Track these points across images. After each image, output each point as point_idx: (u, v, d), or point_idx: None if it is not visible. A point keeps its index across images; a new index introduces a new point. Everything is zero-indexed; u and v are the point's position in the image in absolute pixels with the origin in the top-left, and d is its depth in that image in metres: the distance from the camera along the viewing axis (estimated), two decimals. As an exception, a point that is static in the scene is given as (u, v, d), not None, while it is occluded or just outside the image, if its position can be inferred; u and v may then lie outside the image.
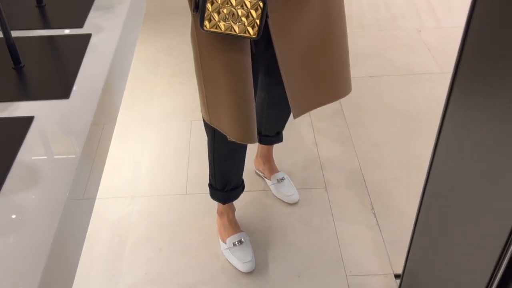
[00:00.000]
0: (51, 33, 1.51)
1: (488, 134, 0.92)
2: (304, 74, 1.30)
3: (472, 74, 0.98)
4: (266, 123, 1.40)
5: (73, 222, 1.11)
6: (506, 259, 0.89)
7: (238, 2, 1.11)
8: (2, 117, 1.23)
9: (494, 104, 0.90)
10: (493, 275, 0.95)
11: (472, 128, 0.99)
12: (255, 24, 1.12)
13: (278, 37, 1.21)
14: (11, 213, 1.00)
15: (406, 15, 3.00)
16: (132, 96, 2.42)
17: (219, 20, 1.13)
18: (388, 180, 1.98)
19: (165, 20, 3.03)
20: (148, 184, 1.99)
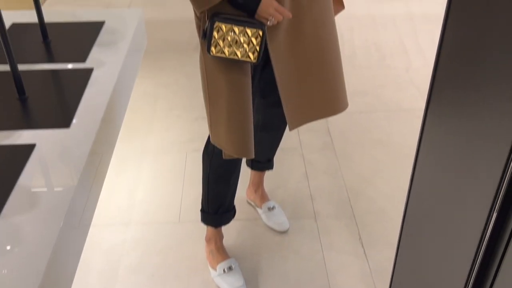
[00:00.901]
0: (55, 66, 1.61)
1: (459, 162, 1.00)
2: (300, 90, 1.41)
3: (443, 106, 1.06)
4: (259, 147, 1.48)
5: (67, 249, 1.15)
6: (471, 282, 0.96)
7: (241, 30, 1.25)
8: (5, 144, 1.31)
9: (463, 134, 0.98)
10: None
11: (444, 157, 1.07)
12: (255, 50, 1.27)
13: (276, 60, 1.35)
14: (7, 237, 1.04)
15: (395, 55, 3.14)
16: (129, 128, 2.51)
17: (223, 46, 1.27)
18: (376, 211, 2.05)
19: (164, 56, 3.16)
20: (142, 212, 2.05)
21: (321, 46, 1.39)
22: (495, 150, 0.85)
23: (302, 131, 2.49)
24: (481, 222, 0.91)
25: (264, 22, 1.27)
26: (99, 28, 1.84)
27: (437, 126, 1.09)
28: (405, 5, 3.78)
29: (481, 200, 0.91)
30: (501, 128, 0.83)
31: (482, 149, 0.90)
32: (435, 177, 1.12)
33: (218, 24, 1.26)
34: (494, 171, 0.85)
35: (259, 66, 1.41)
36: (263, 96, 1.56)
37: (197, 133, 2.44)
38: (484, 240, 0.91)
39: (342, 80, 1.48)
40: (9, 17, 1.83)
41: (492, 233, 0.89)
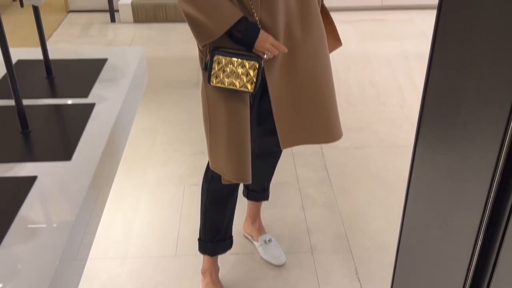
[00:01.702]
0: (58, 102, 1.66)
1: (446, 194, 1.03)
2: (294, 116, 1.48)
3: (430, 142, 1.10)
4: (254, 175, 1.52)
5: (64, 281, 1.16)
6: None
7: (239, 63, 1.34)
8: (8, 176, 1.34)
9: (449, 168, 1.01)
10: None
11: (432, 190, 1.10)
12: (253, 81, 1.36)
13: (273, 90, 1.44)
14: (6, 269, 1.05)
15: (390, 93, 3.21)
16: (128, 162, 2.54)
17: (223, 77, 1.36)
18: (372, 246, 2.05)
19: (164, 92, 3.23)
20: (139, 245, 2.05)
21: (314, 78, 1.47)
22: (478, 183, 0.89)
23: (299, 165, 2.53)
24: (468, 253, 0.94)
25: (261, 55, 1.36)
26: (102, 65, 1.91)
27: (426, 161, 1.13)
28: (400, 45, 3.89)
29: (467, 231, 0.94)
30: (482, 162, 0.87)
31: (466, 182, 0.93)
32: (426, 210, 1.15)
33: (218, 57, 1.35)
34: (478, 201, 0.89)
35: (256, 96, 1.49)
36: (259, 124, 1.62)
37: (195, 167, 2.47)
38: (470, 270, 0.94)
39: (335, 111, 1.54)
40: (15, 53, 1.90)
41: (477, 262, 0.92)
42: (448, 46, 0.99)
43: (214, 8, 1.31)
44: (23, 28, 4.12)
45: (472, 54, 0.90)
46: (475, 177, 0.90)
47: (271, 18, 1.36)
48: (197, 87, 3.27)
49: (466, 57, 0.92)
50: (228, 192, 1.64)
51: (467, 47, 0.91)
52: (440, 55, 1.02)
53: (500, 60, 0.81)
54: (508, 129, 0.80)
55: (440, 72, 1.03)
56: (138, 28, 4.23)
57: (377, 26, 4.29)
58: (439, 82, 1.03)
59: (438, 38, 1.02)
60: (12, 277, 1.04)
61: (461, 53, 0.94)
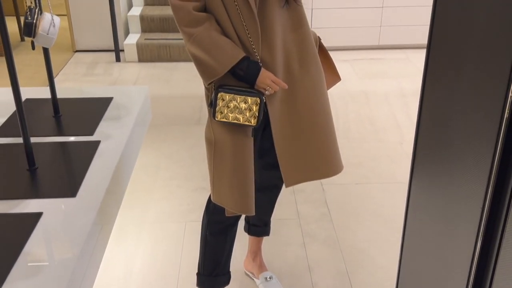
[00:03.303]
0: (64, 139, 1.70)
1: (441, 225, 1.06)
2: (295, 151, 1.54)
3: (424, 177, 1.14)
4: (256, 210, 1.56)
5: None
6: None
7: (242, 99, 1.42)
8: (14, 213, 1.36)
9: (442, 200, 1.04)
10: None
11: (428, 223, 1.13)
12: (255, 116, 1.44)
13: (274, 124, 1.50)
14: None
15: (388, 129, 3.26)
16: (130, 198, 2.56)
17: (227, 112, 1.44)
18: (373, 283, 2.05)
19: (167, 129, 3.28)
20: (140, 282, 2.05)
21: (313, 113, 1.53)
22: (470, 214, 0.92)
23: (300, 202, 2.55)
24: (463, 283, 0.95)
25: (263, 91, 1.44)
26: (107, 103, 1.97)
27: (421, 196, 1.16)
28: (397, 83, 3.98)
29: (461, 264, 0.96)
30: (473, 195, 0.90)
31: (459, 214, 0.96)
32: (422, 244, 1.17)
33: (222, 94, 1.43)
34: (470, 233, 0.92)
35: (259, 130, 1.55)
36: (260, 157, 1.66)
37: (197, 203, 2.49)
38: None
39: (335, 145, 1.59)
40: (24, 92, 1.96)
41: None
42: (437, 86, 1.04)
43: (218, 49, 1.40)
44: (30, 67, 4.22)
45: (459, 93, 0.95)
46: (467, 210, 0.93)
47: (271, 57, 1.44)
48: (198, 125, 3.33)
49: (454, 96, 0.97)
50: (229, 223, 1.66)
51: (454, 87, 0.96)
52: (430, 93, 1.08)
53: (484, 99, 0.86)
54: (494, 164, 0.85)
55: (431, 110, 1.08)
56: (142, 67, 4.33)
57: (374, 64, 4.39)
58: (430, 119, 1.08)
59: (428, 78, 1.08)
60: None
61: (449, 92, 0.99)
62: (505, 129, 0.83)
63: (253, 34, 1.42)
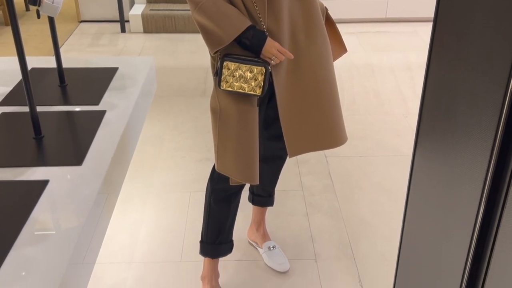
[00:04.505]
0: (70, 109, 1.71)
1: (443, 199, 1.07)
2: (299, 121, 1.54)
3: (428, 150, 1.14)
4: (260, 179, 1.58)
5: (73, 283, 1.20)
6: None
7: (247, 68, 1.42)
8: (20, 180, 1.39)
9: (445, 174, 1.05)
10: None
11: (430, 196, 1.14)
12: (261, 85, 1.44)
13: (279, 94, 1.51)
14: (17, 270, 1.10)
15: (393, 102, 3.25)
16: (135, 168, 2.58)
17: (232, 81, 1.44)
18: (376, 254, 2.08)
19: (172, 101, 3.28)
20: (145, 250, 2.09)
21: (318, 84, 1.53)
22: (472, 187, 0.93)
23: (304, 173, 2.56)
24: (463, 257, 0.97)
25: (268, 61, 1.44)
26: (113, 73, 1.96)
27: (424, 168, 1.17)
28: (403, 56, 3.94)
29: (463, 235, 0.97)
30: (475, 167, 0.91)
31: (461, 186, 0.97)
32: (425, 215, 1.18)
33: (227, 63, 1.43)
34: (472, 204, 0.93)
35: (265, 100, 1.56)
36: (265, 128, 1.67)
37: (201, 174, 2.51)
38: (465, 274, 0.97)
39: (339, 116, 1.59)
40: (29, 62, 1.96)
41: (472, 266, 0.96)
42: (443, 57, 1.04)
43: (224, 18, 1.39)
44: (35, 37, 4.21)
45: (464, 65, 0.95)
46: (469, 181, 0.94)
47: (277, 26, 1.44)
48: (204, 96, 3.32)
49: (460, 68, 0.97)
50: (233, 192, 1.68)
51: (460, 58, 0.96)
52: (435, 65, 1.07)
53: (489, 70, 0.86)
54: (498, 136, 0.85)
55: (436, 82, 1.07)
56: (147, 38, 4.30)
57: (381, 37, 4.34)
58: (436, 92, 1.08)
59: (434, 49, 1.07)
60: (23, 279, 1.08)
61: (455, 64, 0.98)
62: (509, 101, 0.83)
63: (259, 3, 1.41)
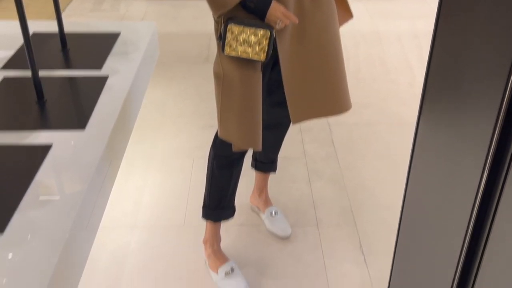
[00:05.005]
0: (72, 73, 1.70)
1: (446, 167, 1.07)
2: (303, 87, 1.53)
3: (432, 116, 1.13)
4: (263, 146, 1.58)
5: (76, 246, 1.21)
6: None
7: (251, 32, 1.39)
8: (24, 144, 1.39)
9: (449, 141, 1.04)
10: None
11: (433, 164, 1.14)
12: (265, 50, 1.41)
13: (283, 59, 1.49)
14: (21, 232, 1.11)
15: (399, 70, 3.21)
16: (138, 134, 2.59)
17: (236, 46, 1.42)
18: (377, 221, 2.10)
19: (174, 67, 3.26)
20: (148, 215, 2.12)
21: (323, 49, 1.51)
22: (475, 156, 0.92)
23: (307, 141, 2.56)
24: (464, 224, 0.98)
25: (273, 25, 1.41)
26: (115, 38, 1.94)
27: (428, 136, 1.16)
28: (410, 23, 3.87)
29: (465, 203, 0.97)
30: (480, 135, 0.90)
31: (465, 155, 0.97)
32: (427, 183, 1.18)
33: (231, 26, 1.40)
34: (475, 172, 0.93)
35: (268, 65, 1.54)
36: (268, 94, 1.66)
37: (204, 141, 2.51)
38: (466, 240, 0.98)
39: (344, 82, 1.58)
40: (31, 26, 1.93)
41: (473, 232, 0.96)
42: (450, 25, 1.01)
43: None
44: (37, 1, 4.14)
45: (471, 33, 0.93)
46: (473, 150, 0.94)
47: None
48: (206, 63, 3.29)
49: (467, 36, 0.95)
50: (235, 158, 1.69)
51: (468, 27, 0.94)
52: (443, 33, 1.05)
53: (496, 38, 0.84)
54: (503, 104, 0.84)
55: (443, 51, 1.05)
56: (149, 4, 4.23)
57: (388, 4, 4.25)
58: (442, 60, 1.06)
59: (441, 17, 1.05)
60: (27, 241, 1.09)
61: (462, 32, 0.96)
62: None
63: None
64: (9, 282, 0.99)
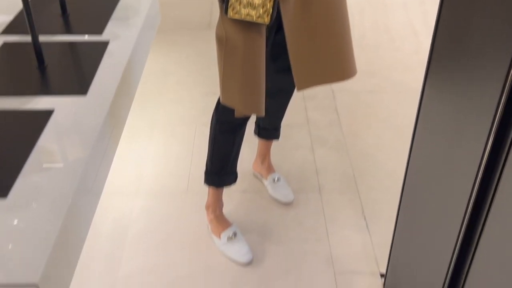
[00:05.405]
0: (73, 38, 1.68)
1: (450, 133, 1.06)
2: (308, 53, 1.50)
3: (438, 82, 1.11)
4: (266, 113, 1.57)
5: (80, 210, 1.22)
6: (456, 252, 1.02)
7: None
8: (26, 109, 1.38)
9: (454, 108, 1.03)
10: (450, 264, 1.07)
11: (438, 130, 1.13)
12: (269, 13, 1.38)
13: (287, 23, 1.46)
14: (25, 196, 1.11)
15: (405, 37, 3.16)
16: (141, 101, 2.58)
17: (240, 8, 1.38)
18: (380, 188, 2.10)
19: (176, 34, 3.21)
20: (151, 181, 2.13)
21: (329, 14, 1.48)
22: (481, 123, 0.91)
23: (310, 108, 2.55)
24: (467, 191, 0.97)
25: None
26: (115, 3, 1.90)
27: (433, 102, 1.14)
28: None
29: (468, 169, 0.97)
30: (486, 100, 0.89)
31: (469, 121, 0.96)
32: (431, 150, 1.18)
33: None
34: (480, 140, 0.92)
35: (272, 30, 1.52)
36: (273, 60, 1.64)
37: (207, 108, 2.49)
38: (469, 205, 0.98)
39: (350, 47, 1.55)
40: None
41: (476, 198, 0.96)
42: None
43: None
44: (34, -34, 4.05)
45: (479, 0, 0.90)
46: (478, 116, 0.93)
47: None
48: (209, 29, 3.24)
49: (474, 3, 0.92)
50: (238, 123, 1.68)
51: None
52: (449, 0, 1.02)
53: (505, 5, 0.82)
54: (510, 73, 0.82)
55: (450, 16, 1.03)
56: (150, -32, 4.14)
57: (395, -32, 4.14)
58: (449, 26, 1.04)
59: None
60: (30, 206, 1.10)
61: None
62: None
63: None
64: (13, 247, 1.00)
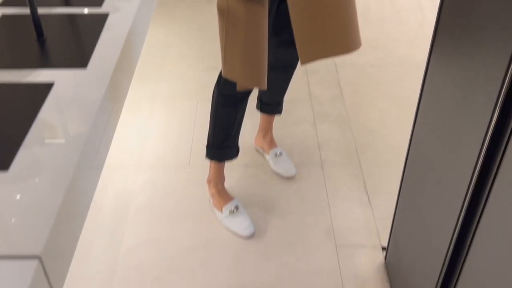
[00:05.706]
0: (72, 10, 1.65)
1: (454, 109, 1.04)
2: (312, 25, 1.46)
3: (443, 56, 1.09)
4: (269, 88, 1.55)
5: (81, 184, 1.23)
6: (458, 227, 1.02)
7: None
8: (25, 82, 1.37)
9: (458, 83, 1.01)
10: (452, 239, 1.07)
11: (441, 105, 1.11)
12: None
13: None
14: (27, 168, 1.12)
15: (410, 11, 3.10)
16: (141, 75, 2.56)
17: None
18: (382, 162, 2.10)
19: (177, 7, 3.16)
20: (153, 155, 2.13)
21: None
22: (486, 98, 0.90)
23: (313, 83, 2.52)
24: (470, 167, 0.97)
25: None
26: (114, -27, 1.86)
27: (438, 77, 1.13)
28: (423, -41, 3.70)
29: (472, 145, 0.96)
30: (491, 77, 0.87)
31: (475, 95, 0.94)
32: (434, 124, 1.17)
33: None
34: (484, 115, 0.90)
35: (275, 1, 1.49)
36: (276, 34, 1.61)
37: (208, 82, 2.48)
38: (472, 180, 0.97)
39: (355, 19, 1.52)
40: (26, -40, 1.86)
41: (479, 175, 0.95)
42: None
43: None
44: None
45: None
46: (483, 89, 0.91)
47: None
48: (210, 3, 3.19)
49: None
50: (240, 97, 1.67)
51: None
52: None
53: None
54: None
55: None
56: None
57: None
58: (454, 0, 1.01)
59: None
60: (32, 178, 1.10)
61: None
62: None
63: None
64: (15, 220, 1.01)
